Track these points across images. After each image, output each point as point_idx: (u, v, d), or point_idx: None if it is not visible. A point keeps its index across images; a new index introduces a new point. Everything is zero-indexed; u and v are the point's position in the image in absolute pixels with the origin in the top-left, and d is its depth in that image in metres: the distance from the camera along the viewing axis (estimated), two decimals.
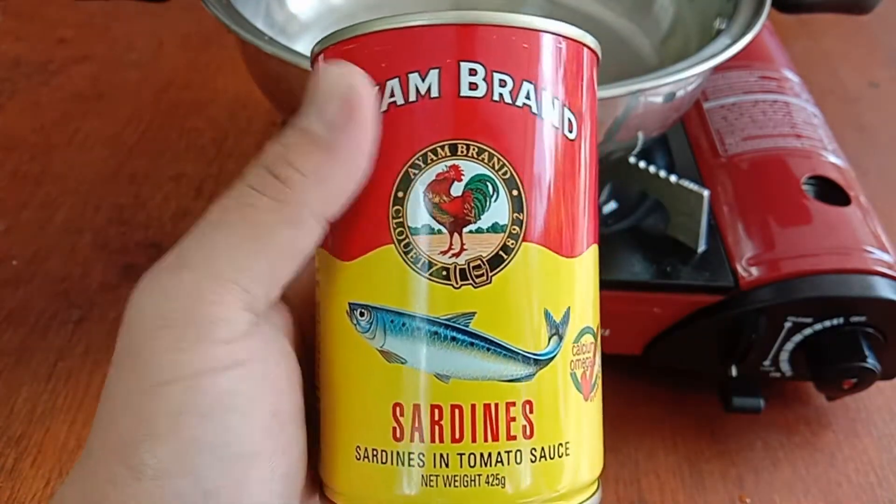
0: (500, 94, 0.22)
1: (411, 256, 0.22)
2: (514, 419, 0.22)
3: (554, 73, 0.23)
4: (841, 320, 0.41)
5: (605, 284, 0.37)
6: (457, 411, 0.22)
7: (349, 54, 0.23)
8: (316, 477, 0.25)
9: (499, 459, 0.22)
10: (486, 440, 0.22)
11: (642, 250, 0.43)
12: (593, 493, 0.25)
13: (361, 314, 0.23)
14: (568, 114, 0.23)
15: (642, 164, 0.44)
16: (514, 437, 0.22)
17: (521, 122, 0.22)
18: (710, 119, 0.51)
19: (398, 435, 0.22)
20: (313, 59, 0.24)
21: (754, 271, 0.41)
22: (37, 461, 0.42)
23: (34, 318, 0.49)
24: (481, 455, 0.22)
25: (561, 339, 0.23)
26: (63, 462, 0.42)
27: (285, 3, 0.52)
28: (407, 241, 0.22)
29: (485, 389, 0.22)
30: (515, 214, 0.22)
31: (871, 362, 0.40)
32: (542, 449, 0.22)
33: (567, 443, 0.23)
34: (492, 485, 0.22)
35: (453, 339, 0.22)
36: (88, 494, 0.21)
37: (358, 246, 0.23)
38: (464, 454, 0.22)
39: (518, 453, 0.22)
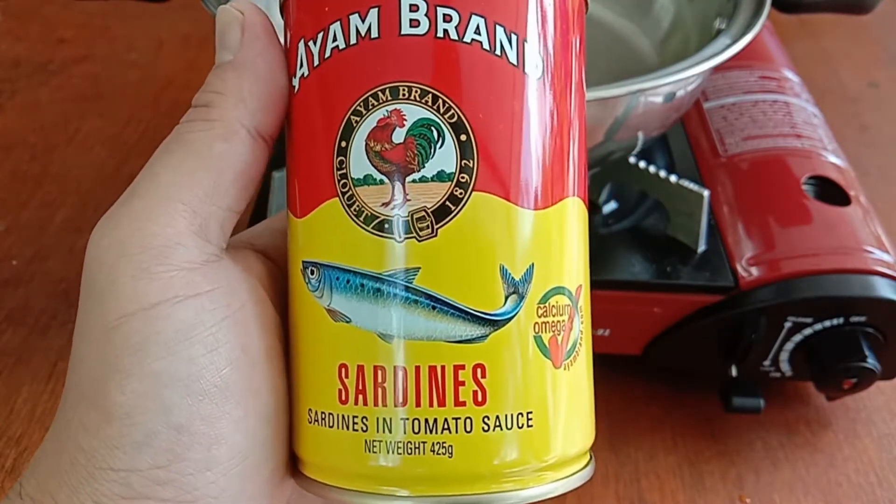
0: (445, 30, 0.20)
1: (354, 209, 0.21)
2: (462, 383, 0.21)
3: (511, 4, 0.21)
4: (841, 320, 0.41)
5: (605, 284, 0.37)
6: (400, 373, 0.21)
7: (290, 6, 0.23)
8: None
9: (445, 426, 0.21)
10: (431, 405, 0.21)
11: (642, 250, 0.43)
12: (584, 467, 0.23)
13: (312, 272, 0.22)
14: (531, 49, 0.21)
15: (642, 164, 0.44)
16: (463, 403, 0.21)
17: (470, 59, 0.20)
18: (710, 119, 0.51)
19: (343, 397, 0.21)
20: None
21: (754, 271, 0.41)
22: None
23: (34, 318, 0.49)
24: (426, 421, 0.21)
25: (521, 298, 0.21)
26: None
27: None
28: (350, 193, 0.21)
29: (430, 350, 0.21)
30: (464, 161, 0.20)
31: (871, 362, 0.40)
32: (497, 418, 0.21)
33: (529, 413, 0.21)
34: (438, 453, 0.21)
35: (395, 296, 0.21)
36: (63, 445, 0.21)
37: (308, 201, 0.22)
38: (407, 419, 0.21)
39: (468, 421, 0.21)
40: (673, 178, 0.43)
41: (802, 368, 0.43)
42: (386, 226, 0.21)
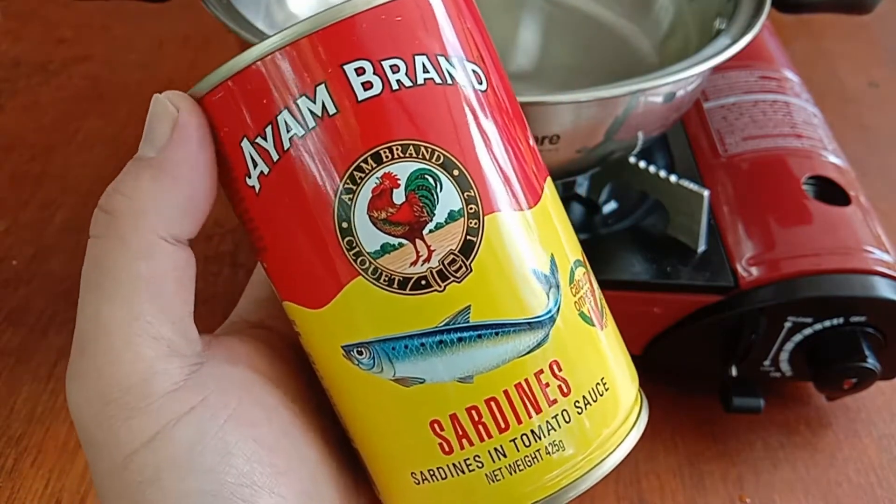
0: (399, 81, 0.20)
1: (384, 280, 0.21)
2: (547, 385, 0.22)
3: (442, 32, 0.21)
4: (841, 320, 0.41)
5: (605, 284, 0.37)
6: (493, 404, 0.21)
7: (219, 105, 0.21)
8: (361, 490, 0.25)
9: (550, 427, 0.22)
10: (530, 417, 0.22)
11: (642, 250, 0.43)
12: (641, 405, 0.25)
13: (360, 353, 0.22)
14: (471, 66, 0.21)
15: (642, 164, 0.44)
16: (555, 401, 0.22)
17: (431, 99, 0.21)
18: (710, 119, 0.51)
19: (447, 448, 0.22)
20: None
21: (754, 271, 0.41)
22: (37, 461, 0.42)
23: (34, 318, 0.49)
24: (532, 432, 0.22)
25: (558, 289, 0.22)
26: (63, 462, 0.42)
27: (285, 3, 0.52)
28: (373, 267, 0.21)
29: (509, 372, 0.21)
30: (466, 194, 0.21)
31: (871, 362, 0.40)
32: (584, 397, 0.22)
33: (602, 379, 0.23)
34: (553, 453, 0.22)
35: (460, 339, 0.21)
36: None
37: (325, 290, 0.21)
38: (516, 438, 0.22)
39: (564, 413, 0.22)
40: (673, 178, 0.43)
41: (802, 368, 0.43)
42: (423, 282, 0.21)
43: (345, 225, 0.21)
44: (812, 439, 0.45)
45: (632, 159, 0.44)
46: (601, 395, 0.23)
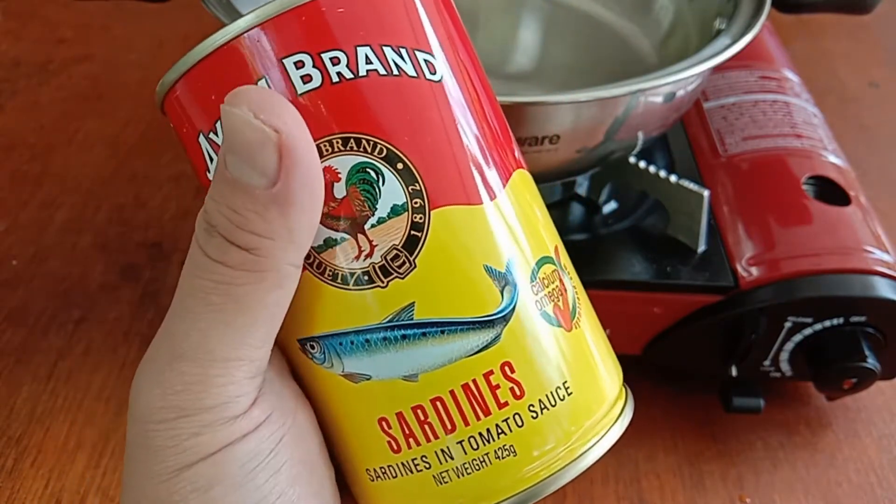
0: (339, 73, 0.20)
1: (328, 275, 0.21)
2: (497, 387, 0.21)
3: (388, 22, 0.20)
4: (841, 320, 0.41)
5: (605, 284, 0.37)
6: (438, 403, 0.21)
7: (176, 104, 0.21)
8: None
9: (500, 431, 0.21)
10: (478, 419, 0.21)
11: (642, 250, 0.43)
12: (623, 406, 0.24)
13: (312, 347, 0.22)
14: (422, 56, 0.21)
15: (642, 164, 0.44)
16: (506, 404, 0.21)
17: (373, 91, 0.20)
18: (710, 119, 0.51)
19: (395, 447, 0.22)
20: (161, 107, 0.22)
21: (754, 271, 0.41)
22: (37, 461, 0.42)
23: (34, 318, 0.49)
24: (480, 435, 0.21)
25: (514, 286, 0.21)
26: (63, 462, 0.42)
27: None
28: (317, 262, 0.21)
29: (456, 372, 0.21)
30: (411, 187, 0.20)
31: (871, 362, 0.40)
32: (540, 401, 0.21)
33: (565, 382, 0.22)
34: (503, 458, 0.21)
35: (404, 336, 0.21)
36: None
37: None
38: (463, 440, 0.21)
39: (516, 417, 0.21)
40: (673, 178, 0.43)
41: (802, 368, 0.43)
42: (366, 278, 0.20)
43: None
44: (812, 439, 0.45)
45: (632, 159, 0.44)
46: (561, 400, 0.21)
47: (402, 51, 0.20)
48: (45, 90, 0.69)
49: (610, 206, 0.47)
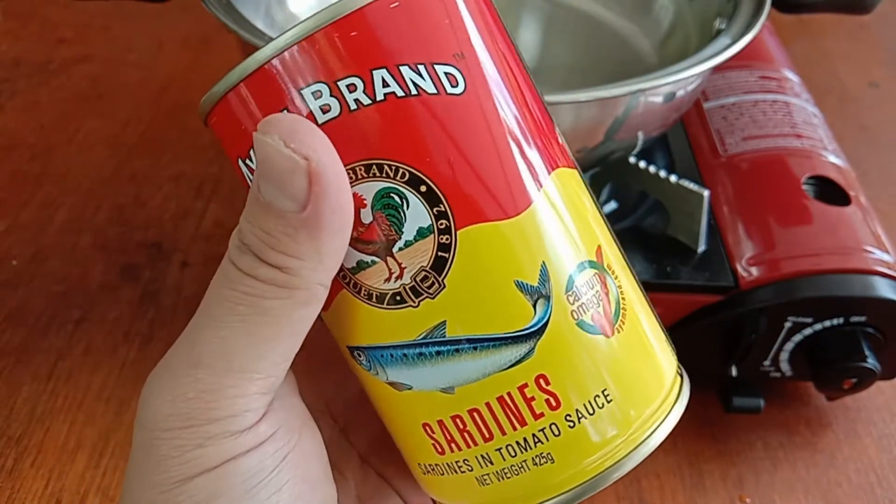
0: (357, 100, 0.20)
1: (364, 295, 0.21)
2: (533, 399, 0.21)
3: (405, 39, 0.20)
4: (841, 320, 0.41)
5: None
6: (475, 414, 0.22)
7: (217, 127, 0.22)
8: None
9: (536, 440, 0.21)
10: (514, 429, 0.21)
11: (642, 250, 0.43)
12: (680, 389, 0.24)
13: (358, 355, 0.22)
14: (443, 70, 0.20)
15: (642, 164, 0.44)
16: (542, 414, 0.21)
17: (392, 114, 0.20)
18: (710, 119, 0.51)
19: (439, 449, 0.22)
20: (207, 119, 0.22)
21: (754, 271, 0.41)
22: (37, 461, 0.42)
23: (34, 318, 0.49)
24: (518, 443, 0.22)
25: (548, 298, 0.21)
26: (63, 462, 0.42)
27: (285, 3, 0.52)
28: (353, 282, 0.21)
29: (490, 385, 0.21)
30: (436, 209, 0.20)
31: (871, 362, 0.40)
32: (577, 411, 0.21)
33: (604, 390, 0.22)
34: (541, 465, 0.22)
35: (438, 353, 0.21)
36: None
37: (327, 298, 0.22)
38: (501, 448, 0.22)
39: (553, 427, 0.21)
40: (673, 178, 0.43)
41: (802, 368, 0.43)
42: (398, 298, 0.21)
43: None
44: (812, 439, 0.45)
45: (632, 159, 0.44)
46: (600, 408, 0.22)
47: (421, 68, 0.20)
48: (45, 90, 0.69)
49: (610, 206, 0.47)
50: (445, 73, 0.20)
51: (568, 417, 0.21)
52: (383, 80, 0.20)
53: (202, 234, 0.55)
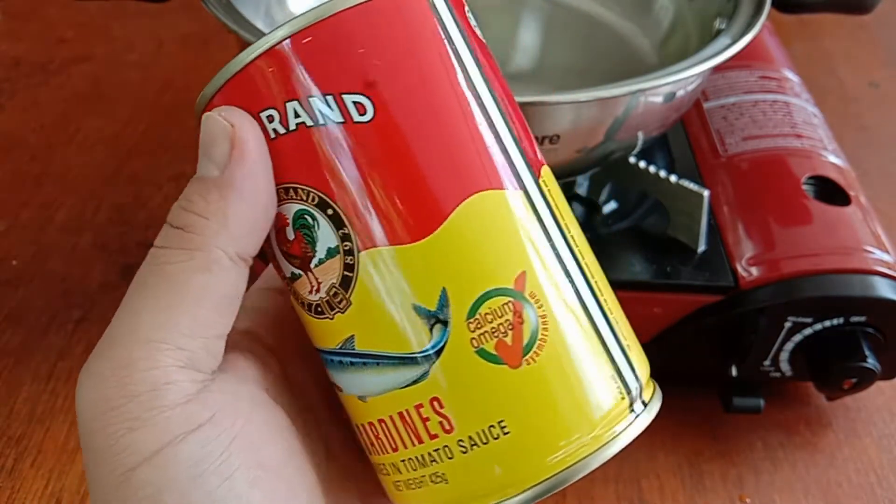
0: (275, 130, 0.21)
1: (300, 303, 0.23)
2: (427, 419, 0.22)
3: (315, 73, 0.21)
4: (841, 320, 0.41)
5: None
6: (383, 425, 0.22)
7: None
8: None
9: (431, 459, 0.22)
10: (413, 445, 0.22)
11: (642, 250, 0.43)
12: (618, 430, 0.23)
13: (318, 352, 0.24)
14: (352, 99, 0.21)
15: (642, 164, 0.44)
16: (436, 435, 0.22)
17: (303, 143, 0.21)
18: (710, 119, 0.51)
19: (367, 451, 0.24)
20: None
21: (754, 271, 0.41)
22: (37, 461, 0.42)
23: (34, 318, 0.49)
24: (417, 458, 0.22)
25: (445, 324, 0.21)
26: (63, 462, 0.42)
27: (285, 3, 0.52)
28: (292, 290, 0.23)
29: (392, 400, 0.22)
30: (341, 231, 0.21)
31: (871, 362, 0.40)
32: (470, 438, 0.21)
33: (501, 422, 0.21)
34: (436, 483, 0.22)
35: (351, 363, 0.22)
36: None
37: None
38: (404, 461, 0.22)
39: (446, 449, 0.22)
40: (673, 178, 0.43)
41: (802, 368, 0.43)
42: (319, 309, 0.22)
43: (273, 251, 0.23)
44: (812, 439, 0.45)
45: (632, 159, 0.44)
46: (495, 438, 0.21)
47: (329, 98, 0.21)
48: (45, 90, 0.69)
49: (610, 206, 0.47)
50: (354, 102, 0.21)
51: (460, 443, 0.21)
52: (295, 111, 0.21)
53: None
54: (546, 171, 0.24)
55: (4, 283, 0.51)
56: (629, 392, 0.23)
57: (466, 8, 0.23)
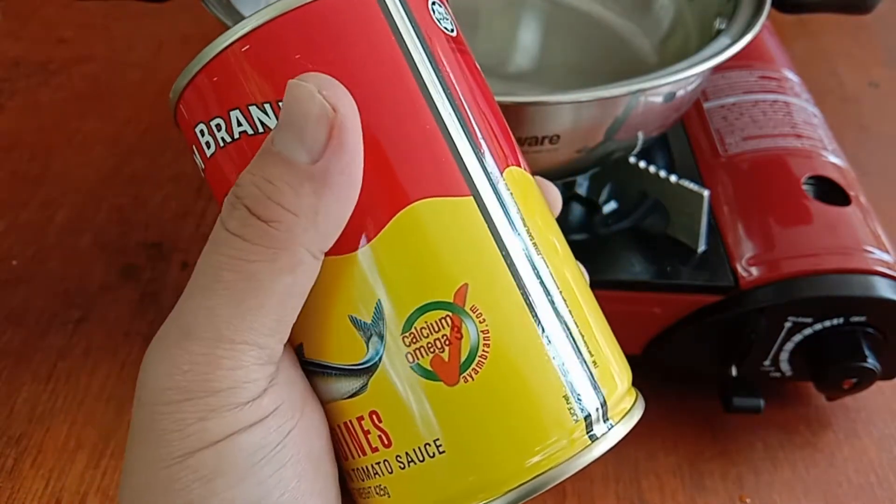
0: (223, 139, 0.21)
1: None
2: (368, 432, 0.21)
3: (254, 81, 0.21)
4: (841, 320, 0.41)
5: (605, 284, 0.37)
6: (335, 433, 0.22)
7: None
8: None
9: (374, 471, 0.22)
10: (357, 456, 0.22)
11: (642, 250, 0.43)
12: (575, 449, 0.21)
13: None
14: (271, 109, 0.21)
15: (642, 164, 0.44)
16: (377, 449, 0.21)
17: (246, 151, 0.21)
18: (710, 119, 0.51)
19: (339, 457, 0.23)
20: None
21: (754, 271, 0.41)
22: (37, 461, 0.42)
23: (34, 318, 0.49)
24: (360, 469, 0.22)
25: (381, 337, 0.21)
26: (63, 462, 0.42)
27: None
28: None
29: (339, 410, 0.22)
30: None
31: (871, 362, 0.40)
32: (407, 454, 0.21)
33: (437, 440, 0.21)
34: (380, 495, 0.22)
35: (305, 370, 0.22)
36: None
37: None
38: (355, 469, 0.22)
39: (386, 463, 0.21)
40: (673, 178, 0.43)
41: (802, 368, 0.43)
42: None
43: None
44: (812, 439, 0.45)
45: (632, 159, 0.45)
46: (431, 457, 0.21)
47: (267, 106, 0.21)
48: (45, 90, 0.69)
49: (610, 206, 0.47)
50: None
51: (398, 458, 0.21)
52: (237, 119, 0.21)
53: (202, 234, 0.55)
54: (515, 174, 0.22)
55: (4, 283, 0.51)
56: (585, 414, 0.21)
57: (430, 5, 0.22)
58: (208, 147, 0.22)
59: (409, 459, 0.21)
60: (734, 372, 0.43)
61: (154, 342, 0.21)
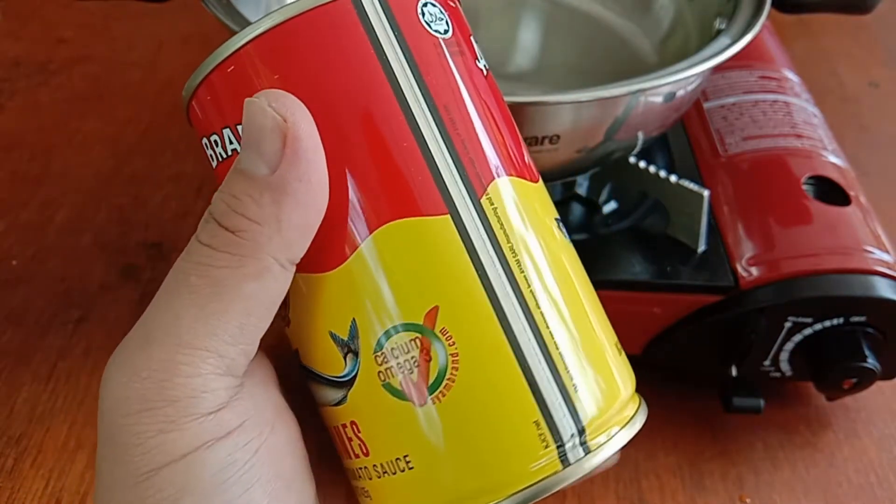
0: (220, 154, 0.22)
1: None
2: (351, 439, 0.22)
3: (234, 102, 0.21)
4: (841, 320, 0.41)
5: (605, 284, 0.36)
6: (332, 433, 0.23)
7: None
8: None
9: (358, 475, 0.23)
10: (347, 458, 0.23)
11: (642, 250, 0.43)
12: (543, 475, 0.21)
13: None
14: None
15: (642, 164, 0.44)
16: (358, 455, 0.22)
17: (227, 167, 0.22)
18: (710, 119, 0.51)
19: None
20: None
21: (754, 271, 0.41)
22: (37, 461, 0.42)
23: (34, 318, 0.49)
24: (352, 470, 0.23)
25: (356, 354, 0.21)
26: (63, 462, 0.42)
27: (285, 2, 0.52)
28: None
29: (328, 415, 0.23)
30: None
31: (871, 362, 0.40)
32: (381, 465, 0.22)
33: (406, 456, 0.21)
34: (365, 497, 0.23)
35: (303, 375, 0.23)
36: None
37: None
38: (349, 469, 0.24)
39: (364, 469, 0.22)
40: (673, 178, 0.43)
41: (802, 368, 0.43)
42: (282, 322, 0.24)
43: None
44: (812, 439, 0.45)
45: (632, 159, 0.44)
46: (401, 471, 0.21)
47: (240, 129, 0.21)
48: (45, 90, 0.69)
49: (610, 206, 0.47)
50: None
51: (375, 468, 0.22)
52: (229, 137, 0.21)
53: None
54: (510, 185, 0.22)
55: (4, 283, 0.51)
56: (558, 439, 0.21)
57: (420, 7, 0.22)
58: (211, 160, 0.23)
59: (384, 470, 0.22)
60: (734, 372, 0.43)
61: (117, 349, 0.21)
